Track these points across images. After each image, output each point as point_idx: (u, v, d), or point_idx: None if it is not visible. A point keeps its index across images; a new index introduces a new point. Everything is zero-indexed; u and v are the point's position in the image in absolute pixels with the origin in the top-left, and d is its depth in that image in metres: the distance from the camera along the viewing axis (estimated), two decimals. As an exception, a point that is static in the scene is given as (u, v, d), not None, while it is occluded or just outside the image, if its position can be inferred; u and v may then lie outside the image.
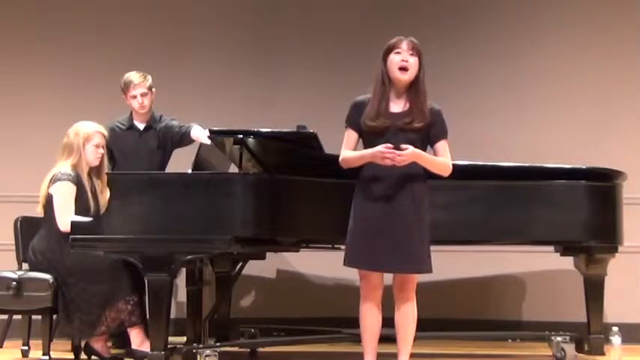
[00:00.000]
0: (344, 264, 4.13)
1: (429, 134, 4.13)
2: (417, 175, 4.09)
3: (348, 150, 4.17)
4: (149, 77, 5.50)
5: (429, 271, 4.11)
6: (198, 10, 6.66)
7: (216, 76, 6.55)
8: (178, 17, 6.64)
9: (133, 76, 5.46)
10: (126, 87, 5.47)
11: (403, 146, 3.97)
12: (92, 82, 6.49)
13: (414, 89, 4.11)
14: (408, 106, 4.10)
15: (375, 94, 4.12)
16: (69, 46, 6.61)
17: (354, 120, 4.16)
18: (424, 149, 4.12)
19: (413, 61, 4.09)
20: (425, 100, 4.11)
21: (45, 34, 6.63)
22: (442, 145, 4.15)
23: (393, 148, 3.96)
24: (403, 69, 4.07)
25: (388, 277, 4.17)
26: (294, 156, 4.90)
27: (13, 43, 6.63)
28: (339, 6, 6.60)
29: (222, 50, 6.61)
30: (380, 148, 3.98)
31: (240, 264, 5.39)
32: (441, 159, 4.14)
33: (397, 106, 4.12)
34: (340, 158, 4.18)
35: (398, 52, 4.09)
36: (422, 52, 4.12)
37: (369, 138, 4.12)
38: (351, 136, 4.18)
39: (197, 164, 5.00)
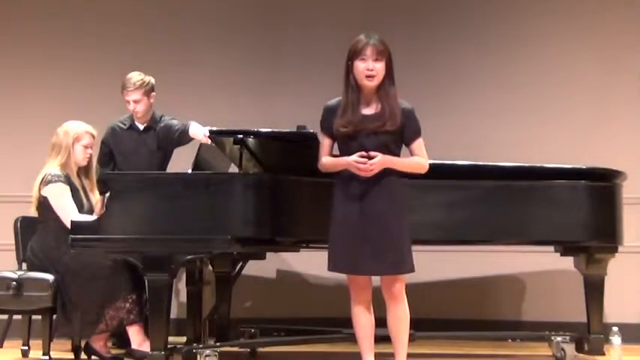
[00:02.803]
0: (328, 269, 4.14)
1: (402, 135, 4.11)
2: (394, 174, 4.08)
3: (324, 156, 4.18)
4: (147, 81, 5.42)
5: (411, 270, 4.09)
6: (198, 10, 6.66)
7: (216, 76, 6.55)
8: (178, 18, 6.64)
9: (130, 80, 5.39)
10: (122, 89, 5.44)
11: (372, 154, 3.98)
12: (92, 83, 6.49)
13: (383, 91, 4.08)
14: (379, 108, 4.08)
15: (344, 99, 4.11)
16: (69, 46, 6.61)
17: (327, 126, 4.15)
18: (398, 149, 4.12)
19: (379, 67, 4.05)
20: (395, 101, 4.08)
21: (44, 34, 6.63)
22: (417, 145, 4.14)
23: (365, 157, 3.97)
24: (369, 77, 4.05)
25: (377, 277, 4.16)
26: (294, 156, 4.90)
27: (13, 43, 6.63)
28: (339, 7, 6.60)
29: (223, 50, 6.61)
30: (353, 157, 3.99)
31: (240, 264, 5.39)
32: (415, 158, 4.13)
33: (368, 108, 4.10)
34: (318, 163, 4.20)
35: (363, 60, 4.05)
36: (389, 52, 4.07)
37: (342, 141, 4.12)
38: (325, 141, 4.18)
39: (197, 164, 5.00)
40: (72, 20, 6.62)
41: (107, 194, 4.80)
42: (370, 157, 3.98)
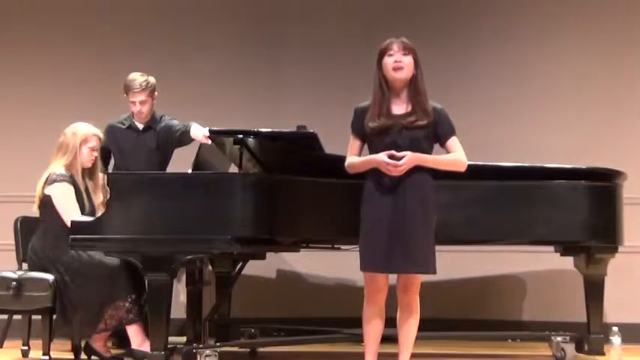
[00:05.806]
0: (360, 269, 4.11)
1: (436, 134, 4.14)
2: (425, 174, 4.09)
3: (353, 156, 4.19)
4: (151, 81, 5.44)
5: (433, 272, 4.11)
6: (200, 11, 6.66)
7: (217, 76, 6.56)
8: (180, 18, 6.64)
9: (135, 82, 5.41)
10: (126, 90, 5.45)
11: (401, 154, 3.99)
12: (93, 83, 6.49)
13: (412, 88, 4.11)
14: (410, 106, 4.11)
15: (375, 99, 4.12)
16: (70, 47, 6.61)
17: (356, 127, 4.17)
18: (430, 147, 4.14)
19: (407, 60, 4.09)
20: (426, 97, 4.11)
21: (46, 35, 6.63)
22: (452, 142, 4.17)
23: (394, 157, 3.98)
24: (398, 69, 4.07)
25: (393, 278, 4.16)
26: (294, 156, 4.90)
27: (14, 44, 6.64)
28: (341, 9, 6.60)
29: (224, 51, 6.60)
30: (382, 157, 3.99)
31: (240, 264, 5.39)
32: (451, 154, 4.15)
33: (399, 107, 4.12)
34: (346, 163, 4.20)
35: (390, 55, 4.09)
36: (416, 50, 4.12)
37: (373, 139, 4.11)
38: (355, 142, 4.19)
39: (197, 164, 5.00)
40: (74, 23, 6.63)
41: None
42: (399, 159, 3.99)
